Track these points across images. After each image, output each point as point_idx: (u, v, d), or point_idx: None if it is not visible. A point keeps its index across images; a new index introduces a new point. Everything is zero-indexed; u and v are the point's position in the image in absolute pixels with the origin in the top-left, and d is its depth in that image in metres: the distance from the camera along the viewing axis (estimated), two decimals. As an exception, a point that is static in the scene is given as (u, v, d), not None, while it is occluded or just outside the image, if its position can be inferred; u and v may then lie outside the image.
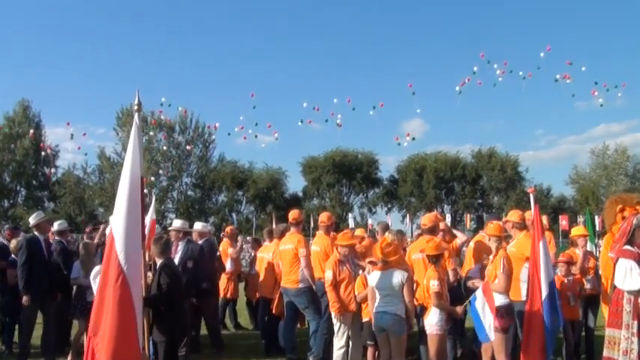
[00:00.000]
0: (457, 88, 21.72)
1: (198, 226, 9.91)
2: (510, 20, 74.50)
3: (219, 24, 76.82)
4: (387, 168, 64.70)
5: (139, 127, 5.04)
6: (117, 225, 4.87)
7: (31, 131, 45.41)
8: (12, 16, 70.75)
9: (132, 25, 72.94)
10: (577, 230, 9.10)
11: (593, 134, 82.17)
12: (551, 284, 6.13)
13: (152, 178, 45.33)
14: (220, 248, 10.88)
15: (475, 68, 20.38)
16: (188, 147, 48.41)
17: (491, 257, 6.54)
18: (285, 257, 8.05)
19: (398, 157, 56.95)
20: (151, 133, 48.70)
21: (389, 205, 57.60)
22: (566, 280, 7.75)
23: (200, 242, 9.31)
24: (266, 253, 9.68)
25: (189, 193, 53.28)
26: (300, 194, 57.17)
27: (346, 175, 54.91)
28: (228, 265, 10.69)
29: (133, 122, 5.11)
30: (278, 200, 53.89)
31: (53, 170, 49.48)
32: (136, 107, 5.18)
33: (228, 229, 11.71)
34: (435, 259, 6.37)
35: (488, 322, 6.08)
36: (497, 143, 60.32)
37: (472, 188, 55.40)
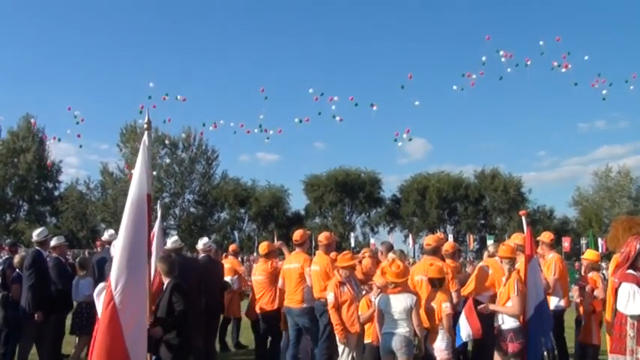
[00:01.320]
0: (464, 85, 21.29)
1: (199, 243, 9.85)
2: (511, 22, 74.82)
3: (220, 42, 77.21)
4: (390, 187, 64.90)
5: (147, 146, 5.04)
6: (117, 246, 4.87)
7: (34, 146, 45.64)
8: (17, 33, 71.35)
9: (135, 42, 73.51)
10: (592, 255, 8.95)
11: (596, 156, 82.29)
12: (540, 306, 6.15)
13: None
14: (226, 266, 10.80)
15: (484, 58, 20.09)
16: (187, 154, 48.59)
17: (503, 279, 6.51)
18: (291, 276, 8.00)
19: (400, 177, 57.32)
20: (155, 149, 49.02)
21: (391, 225, 57.53)
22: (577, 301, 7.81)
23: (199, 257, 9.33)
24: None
25: (192, 209, 53.29)
26: (303, 213, 57.15)
27: (349, 194, 54.91)
28: (231, 282, 10.61)
29: (142, 141, 5.10)
30: (280, 218, 53.89)
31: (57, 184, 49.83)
32: (145, 126, 5.15)
33: (232, 247, 11.72)
34: (438, 283, 6.35)
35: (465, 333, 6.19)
36: (500, 164, 60.29)
37: (475, 209, 55.36)
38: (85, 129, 73.81)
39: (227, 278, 10.43)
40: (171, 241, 8.64)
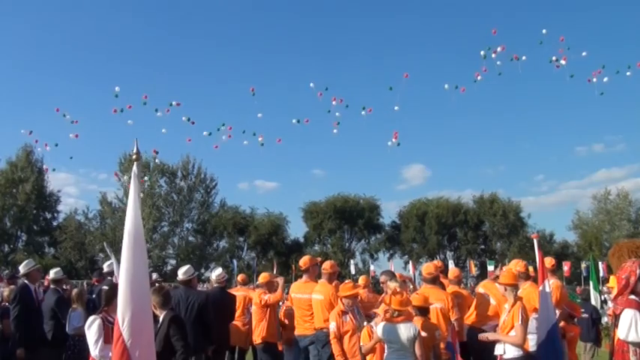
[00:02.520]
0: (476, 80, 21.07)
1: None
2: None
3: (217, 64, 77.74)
4: (389, 214, 64.65)
5: (137, 177, 4.97)
6: (120, 281, 4.83)
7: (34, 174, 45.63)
8: (16, 62, 71.83)
9: (135, 70, 73.99)
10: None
11: (594, 179, 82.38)
12: (552, 330, 6.08)
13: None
14: (239, 294, 10.57)
15: (482, 52, 19.86)
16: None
17: (506, 306, 6.46)
18: (301, 305, 7.96)
19: (399, 203, 57.29)
20: (153, 178, 49.09)
21: (391, 251, 57.35)
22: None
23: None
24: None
25: (190, 238, 53.15)
26: (302, 240, 57.00)
27: (348, 221, 54.84)
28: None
29: (132, 172, 5.02)
30: (279, 246, 53.73)
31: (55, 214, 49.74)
32: (134, 156, 5.06)
33: (240, 277, 11.52)
34: (422, 312, 6.35)
35: None
36: (498, 189, 60.43)
37: (474, 234, 55.27)
38: (84, 158, 73.92)
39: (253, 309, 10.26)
40: (182, 271, 8.45)
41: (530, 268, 7.70)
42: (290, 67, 72.75)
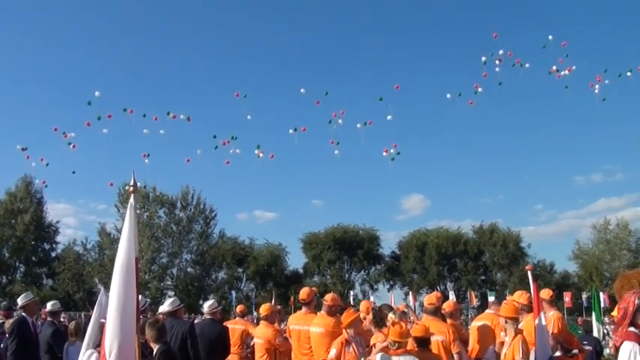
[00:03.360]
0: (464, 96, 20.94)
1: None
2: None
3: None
4: (389, 244, 64.63)
5: (134, 209, 4.96)
6: (108, 311, 4.80)
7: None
8: (15, 93, 72.26)
9: (135, 101, 74.35)
10: None
11: (593, 209, 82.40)
12: None
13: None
14: (237, 327, 10.39)
15: (484, 59, 19.80)
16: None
17: (507, 339, 6.41)
18: (299, 338, 7.84)
19: (398, 233, 57.10)
20: (152, 209, 49.03)
21: (391, 282, 57.02)
22: None
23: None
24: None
25: (189, 270, 52.82)
26: (301, 271, 56.69)
27: (347, 252, 54.62)
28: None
29: (129, 204, 5.01)
30: (278, 277, 53.45)
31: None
32: (131, 188, 5.04)
33: (239, 308, 11.35)
34: (420, 343, 6.27)
35: None
36: (498, 219, 60.61)
37: (475, 264, 55.02)
38: (83, 189, 74.00)
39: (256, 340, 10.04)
40: (168, 302, 8.34)
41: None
42: (287, 81, 73.20)
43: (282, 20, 78.82)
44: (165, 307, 8.27)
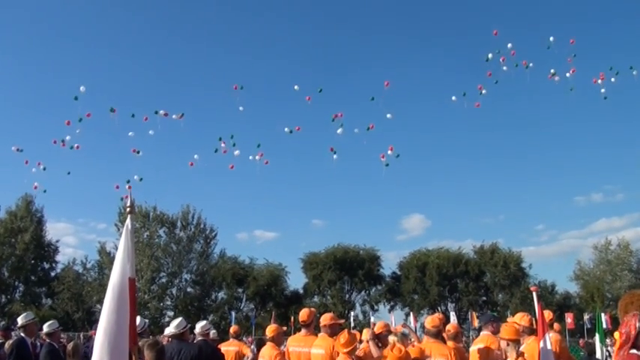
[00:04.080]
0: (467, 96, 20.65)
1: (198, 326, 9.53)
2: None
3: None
4: (389, 264, 64.43)
5: (130, 230, 4.90)
6: (98, 332, 4.75)
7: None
8: (16, 115, 72.59)
9: (133, 121, 74.49)
10: None
11: (594, 229, 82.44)
12: None
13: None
14: (231, 349, 10.32)
15: (490, 55, 19.53)
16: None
17: None
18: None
19: (399, 253, 57.02)
20: (152, 228, 48.94)
21: (392, 303, 56.72)
22: None
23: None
24: None
25: (189, 289, 52.57)
26: (301, 291, 56.41)
27: (348, 272, 54.38)
28: None
29: (125, 225, 4.96)
30: (278, 297, 53.18)
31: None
32: (128, 209, 4.98)
33: (233, 328, 11.28)
34: None
35: None
36: (499, 239, 60.46)
37: (476, 285, 54.75)
38: (83, 209, 73.87)
39: None
40: (174, 324, 8.14)
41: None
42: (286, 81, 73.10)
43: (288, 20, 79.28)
44: (170, 329, 8.16)
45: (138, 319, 8.43)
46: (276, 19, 78.92)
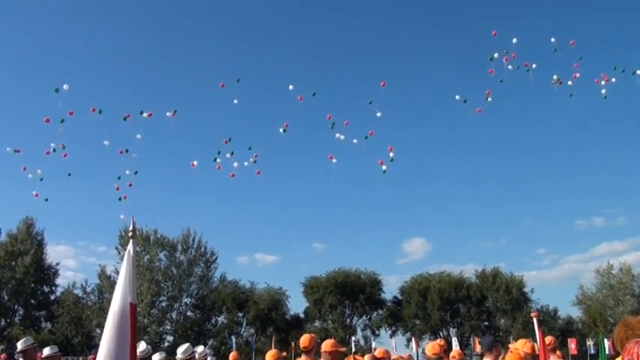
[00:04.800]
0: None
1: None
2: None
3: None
4: (390, 289, 64.04)
5: (132, 256, 4.86)
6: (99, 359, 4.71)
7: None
8: (16, 137, 72.79)
9: (132, 148, 74.69)
10: None
11: (596, 253, 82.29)
12: None
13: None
14: None
15: (496, 55, 19.30)
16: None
17: None
18: None
19: (400, 277, 56.83)
20: (153, 251, 48.85)
21: (393, 328, 56.26)
22: None
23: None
24: None
25: (189, 313, 52.28)
26: (302, 316, 56.02)
27: (349, 296, 54.04)
28: None
29: (126, 250, 4.91)
30: (279, 322, 52.78)
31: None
32: (130, 234, 4.96)
33: (233, 355, 11.24)
34: None
35: None
36: (500, 262, 60.18)
37: (478, 310, 54.36)
38: (83, 231, 73.89)
39: None
40: (182, 350, 8.21)
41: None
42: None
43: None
44: (179, 356, 8.17)
45: (143, 344, 8.47)
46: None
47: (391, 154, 20.03)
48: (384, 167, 20.07)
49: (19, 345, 8.54)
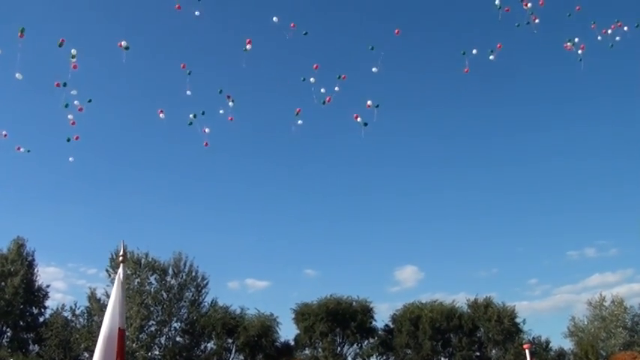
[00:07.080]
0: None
1: None
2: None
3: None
4: (382, 317, 63.76)
5: (122, 281, 4.90)
6: None
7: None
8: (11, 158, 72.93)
9: (129, 167, 74.99)
10: None
11: (588, 284, 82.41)
12: None
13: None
14: None
15: (474, 51, 19.45)
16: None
17: None
18: None
19: (392, 305, 56.56)
20: (143, 275, 48.58)
21: (384, 357, 55.83)
22: None
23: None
24: None
25: (178, 339, 51.73)
26: (292, 343, 55.53)
27: (340, 324, 53.68)
28: None
29: (117, 275, 4.93)
30: (269, 349, 52.29)
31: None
32: (120, 258, 4.98)
33: None
34: None
35: None
36: (492, 292, 60.17)
37: (469, 340, 54.05)
38: (73, 253, 73.68)
39: None
40: None
41: None
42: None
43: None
44: None
45: None
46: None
47: (369, 102, 19.80)
48: (359, 119, 19.88)
49: None
